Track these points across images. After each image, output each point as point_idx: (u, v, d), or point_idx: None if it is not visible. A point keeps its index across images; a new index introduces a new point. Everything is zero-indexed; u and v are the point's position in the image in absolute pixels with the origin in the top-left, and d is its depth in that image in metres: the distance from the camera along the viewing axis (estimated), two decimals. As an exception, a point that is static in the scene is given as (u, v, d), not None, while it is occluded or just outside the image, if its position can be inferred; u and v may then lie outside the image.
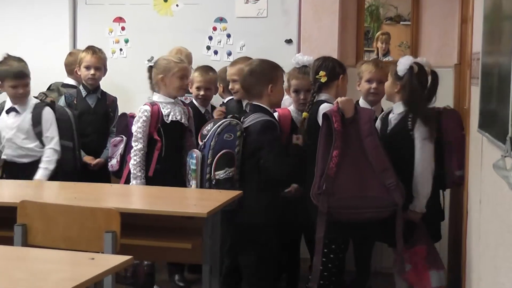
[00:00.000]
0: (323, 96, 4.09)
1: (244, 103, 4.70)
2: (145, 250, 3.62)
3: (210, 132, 3.89)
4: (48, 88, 4.93)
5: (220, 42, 5.82)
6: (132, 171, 4.25)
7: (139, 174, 4.25)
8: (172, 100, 4.40)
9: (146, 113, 4.28)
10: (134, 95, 5.53)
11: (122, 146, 4.46)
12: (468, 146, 3.73)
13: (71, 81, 5.31)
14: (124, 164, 4.41)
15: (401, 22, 8.39)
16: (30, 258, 2.57)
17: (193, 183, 3.90)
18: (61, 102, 4.94)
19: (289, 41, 5.68)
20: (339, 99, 3.79)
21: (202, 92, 4.88)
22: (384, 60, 6.18)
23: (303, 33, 5.61)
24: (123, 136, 4.47)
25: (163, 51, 5.31)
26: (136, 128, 4.28)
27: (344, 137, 3.70)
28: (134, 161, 4.25)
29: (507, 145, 2.03)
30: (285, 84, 4.34)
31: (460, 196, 4.09)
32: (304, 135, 4.05)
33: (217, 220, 3.62)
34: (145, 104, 4.34)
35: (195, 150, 3.94)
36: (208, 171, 3.86)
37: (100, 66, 5.03)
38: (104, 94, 5.08)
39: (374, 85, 4.42)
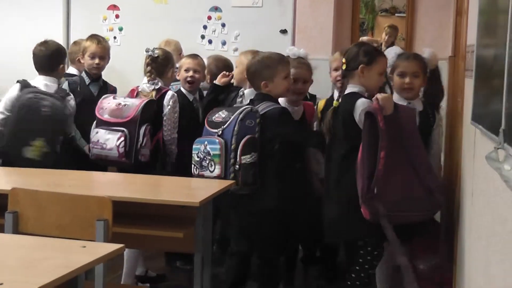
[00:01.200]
0: (355, 88, 3.88)
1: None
2: (137, 239, 3.62)
3: (231, 118, 3.93)
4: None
5: (214, 31, 5.81)
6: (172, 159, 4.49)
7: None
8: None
9: (176, 101, 4.47)
10: (129, 83, 5.50)
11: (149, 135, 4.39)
12: (461, 138, 3.73)
13: (74, 71, 5.24)
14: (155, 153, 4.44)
15: (396, 14, 8.39)
16: (21, 245, 2.56)
17: (217, 168, 3.92)
18: (65, 87, 4.88)
19: (284, 31, 5.68)
20: (378, 96, 3.61)
21: (190, 74, 4.83)
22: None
23: (298, 24, 5.61)
24: (150, 124, 4.36)
25: (158, 39, 5.32)
26: (177, 117, 4.48)
27: (387, 135, 3.54)
28: (174, 147, 4.49)
29: (500, 137, 2.03)
30: None
31: (452, 189, 4.09)
32: (328, 125, 3.96)
33: (209, 209, 3.62)
34: (169, 91, 4.49)
35: (214, 136, 3.96)
36: (232, 156, 3.90)
37: (105, 55, 5.00)
38: (105, 83, 5.05)
39: (339, 72, 4.37)
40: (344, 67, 3.93)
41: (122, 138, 4.27)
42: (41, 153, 4.41)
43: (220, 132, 3.96)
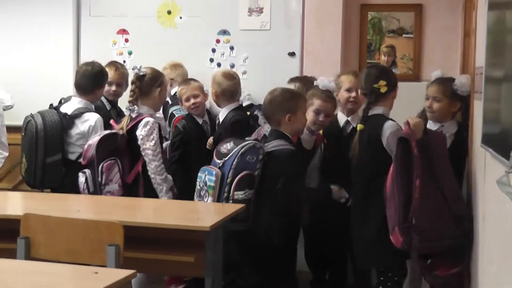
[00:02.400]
0: (380, 110, 3.96)
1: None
2: (148, 263, 3.62)
3: (233, 151, 3.90)
4: (60, 102, 4.88)
5: (223, 54, 5.84)
6: (163, 186, 4.29)
7: (170, 186, 4.33)
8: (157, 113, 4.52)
9: (156, 127, 4.30)
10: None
11: (117, 169, 4.30)
12: (471, 160, 3.72)
13: None
14: (127, 186, 4.33)
15: (404, 35, 8.39)
16: (34, 272, 2.57)
17: (209, 199, 3.91)
18: None
19: (292, 54, 5.69)
20: (410, 120, 3.62)
21: (192, 101, 4.76)
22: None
23: (306, 46, 5.62)
24: (115, 158, 4.29)
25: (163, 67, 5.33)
26: (155, 142, 4.28)
27: (421, 162, 3.49)
28: (163, 176, 4.29)
29: (511, 161, 2.03)
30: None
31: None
32: (355, 148, 3.97)
33: (219, 233, 3.62)
34: (145, 117, 4.32)
35: (214, 167, 3.94)
36: (227, 190, 3.87)
37: (122, 82, 5.00)
38: (120, 109, 5.04)
39: (353, 94, 4.42)
40: (383, 90, 3.93)
41: (83, 180, 4.25)
42: (24, 170, 4.46)
43: (221, 164, 3.93)
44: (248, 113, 4.90)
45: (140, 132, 4.28)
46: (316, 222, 4.43)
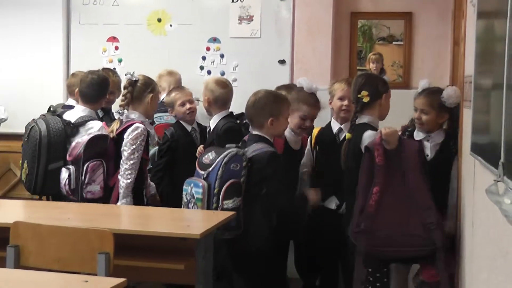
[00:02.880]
0: (365, 118, 3.99)
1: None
2: (137, 271, 3.61)
3: (216, 161, 3.88)
4: (48, 110, 4.87)
5: (213, 62, 5.85)
6: (124, 191, 4.22)
7: (131, 194, 4.24)
8: (148, 120, 4.48)
9: (144, 133, 4.27)
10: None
11: (101, 170, 4.29)
12: (460, 169, 3.74)
13: (72, 102, 5.08)
14: (108, 189, 4.29)
15: (394, 42, 8.41)
16: (23, 280, 2.56)
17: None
18: None
19: (282, 62, 5.71)
20: (383, 130, 3.67)
21: (188, 106, 4.84)
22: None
23: (297, 54, 5.64)
24: (101, 160, 4.28)
25: (157, 71, 5.35)
26: (136, 148, 4.24)
27: (385, 170, 3.60)
28: (128, 181, 4.22)
29: (500, 170, 2.04)
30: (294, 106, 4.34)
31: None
32: (345, 157, 4.02)
33: (210, 241, 3.62)
34: (136, 123, 4.30)
35: (199, 179, 3.92)
36: (215, 201, 3.86)
37: (114, 90, 5.00)
38: (113, 117, 5.03)
39: (346, 102, 4.44)
40: (366, 100, 3.96)
41: (66, 175, 4.24)
42: (25, 175, 4.45)
43: (206, 175, 3.91)
44: (238, 121, 4.91)
45: (127, 135, 4.26)
46: (307, 229, 4.44)
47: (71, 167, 4.25)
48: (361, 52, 8.34)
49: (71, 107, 5.01)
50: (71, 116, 4.58)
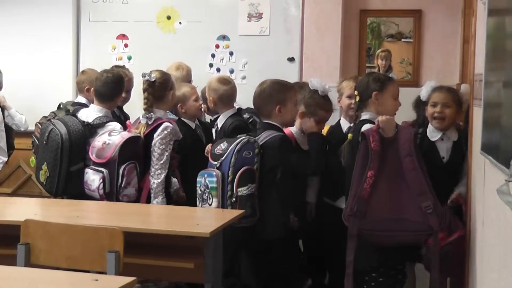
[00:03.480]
0: (366, 115, 3.98)
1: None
2: (148, 269, 3.61)
3: (229, 150, 3.91)
4: (58, 107, 4.86)
5: (222, 59, 5.85)
6: (156, 191, 4.20)
7: (163, 193, 4.24)
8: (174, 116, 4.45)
9: (173, 132, 4.27)
10: (137, 113, 5.53)
11: (135, 172, 4.26)
12: (471, 167, 3.73)
13: (82, 99, 5.10)
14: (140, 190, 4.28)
15: (402, 39, 8.38)
16: (34, 278, 2.56)
17: (213, 201, 3.91)
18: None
19: (291, 59, 5.71)
20: (379, 118, 3.70)
21: (201, 102, 4.85)
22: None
23: (306, 51, 5.64)
24: (135, 162, 4.25)
25: (166, 68, 5.33)
26: (165, 147, 4.23)
27: (382, 157, 3.61)
28: (159, 180, 4.20)
29: (511, 170, 2.03)
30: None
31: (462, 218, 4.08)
32: (347, 155, 4.00)
33: (219, 239, 3.62)
34: (165, 122, 4.28)
35: (212, 169, 3.94)
36: (229, 188, 3.87)
37: (129, 88, 4.97)
38: (126, 114, 5.03)
39: (354, 100, 4.42)
40: (357, 99, 3.99)
41: (101, 180, 4.18)
42: (45, 178, 4.43)
43: (219, 164, 3.94)
44: (247, 118, 4.90)
45: (157, 135, 4.24)
46: (316, 228, 4.43)
47: (104, 171, 4.19)
48: (370, 49, 8.33)
49: (82, 104, 5.00)
50: (86, 115, 4.53)
